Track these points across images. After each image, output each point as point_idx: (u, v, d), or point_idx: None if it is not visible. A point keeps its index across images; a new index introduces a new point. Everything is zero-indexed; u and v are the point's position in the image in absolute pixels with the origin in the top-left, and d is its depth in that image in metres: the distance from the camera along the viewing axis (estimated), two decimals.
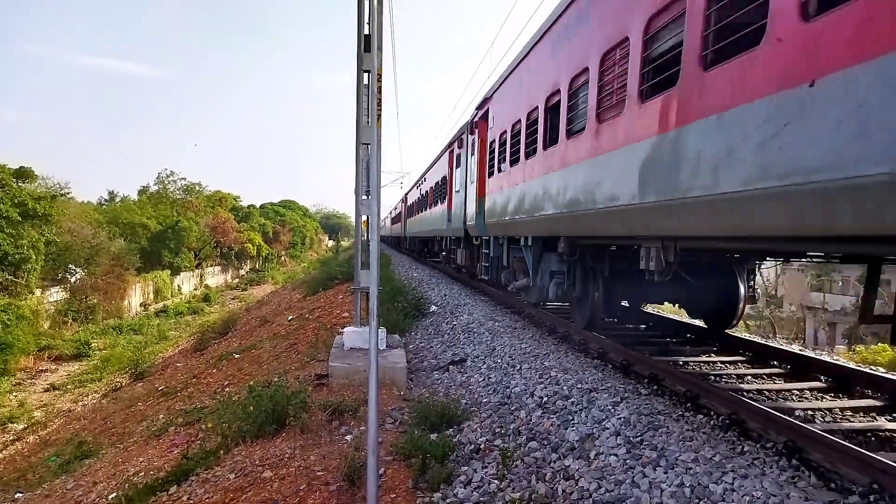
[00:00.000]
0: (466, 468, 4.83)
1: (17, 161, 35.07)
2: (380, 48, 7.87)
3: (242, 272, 69.75)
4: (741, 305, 7.57)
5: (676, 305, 9.06)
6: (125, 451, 9.21)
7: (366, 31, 8.00)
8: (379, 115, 7.33)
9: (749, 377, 6.38)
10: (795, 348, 7.90)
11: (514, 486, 4.41)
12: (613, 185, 6.08)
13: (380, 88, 7.93)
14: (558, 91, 7.73)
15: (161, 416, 10.84)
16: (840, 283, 32.04)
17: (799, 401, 5.57)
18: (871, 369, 6.48)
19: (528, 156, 9.21)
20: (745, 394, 5.30)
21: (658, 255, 5.72)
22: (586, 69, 6.78)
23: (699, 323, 8.75)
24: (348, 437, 5.82)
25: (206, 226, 58.25)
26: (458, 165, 16.11)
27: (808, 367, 6.41)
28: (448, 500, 4.41)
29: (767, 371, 6.58)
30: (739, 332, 8.71)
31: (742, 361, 7.09)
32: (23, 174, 33.53)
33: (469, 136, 14.31)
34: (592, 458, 4.44)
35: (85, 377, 24.38)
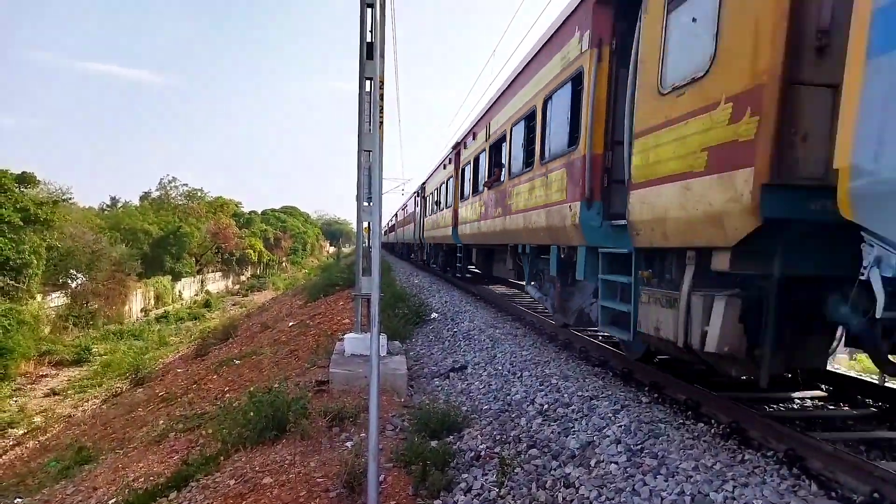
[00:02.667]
0: (467, 475, 4.82)
1: (18, 166, 35.20)
2: (382, 56, 7.91)
3: (243, 278, 69.70)
4: None
5: None
6: (125, 457, 9.19)
7: (368, 39, 8.03)
8: (381, 122, 7.35)
9: (749, 386, 6.37)
10: None
11: (514, 493, 4.40)
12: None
13: (382, 95, 7.97)
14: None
15: (161, 421, 10.82)
16: None
17: (800, 409, 5.56)
18: (872, 378, 6.47)
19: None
20: (745, 402, 5.29)
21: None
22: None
23: None
24: (349, 444, 5.81)
25: (207, 232, 58.24)
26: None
27: (810, 376, 6.40)
28: None
29: None
30: None
31: None
32: (25, 179, 33.59)
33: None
34: (593, 465, 4.44)
35: (85, 382, 24.32)
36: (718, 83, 4.30)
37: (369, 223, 8.61)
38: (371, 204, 8.29)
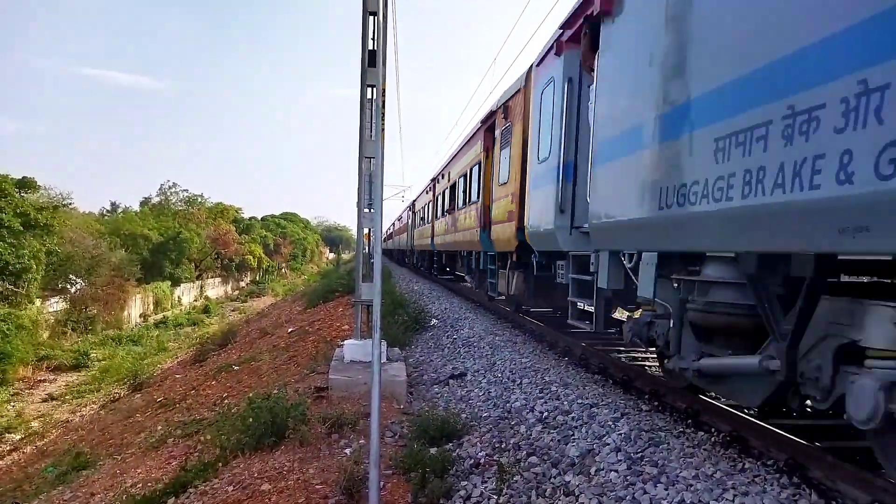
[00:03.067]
0: (466, 483, 4.80)
1: (18, 172, 35.23)
2: (384, 63, 7.93)
3: (243, 284, 69.69)
4: None
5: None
6: (123, 463, 9.16)
7: (370, 47, 8.06)
8: (382, 130, 7.36)
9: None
10: None
11: (513, 501, 4.39)
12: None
13: (383, 103, 7.99)
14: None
15: (159, 427, 10.79)
16: None
17: (801, 418, 5.55)
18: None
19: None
20: (746, 411, 5.29)
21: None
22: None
23: None
24: (348, 451, 5.79)
25: (207, 237, 58.26)
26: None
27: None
28: None
29: None
30: None
31: None
32: (25, 184, 33.63)
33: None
34: (593, 473, 4.43)
35: (83, 388, 24.29)
36: (509, 187, 10.21)
37: (370, 230, 8.62)
38: (372, 211, 8.31)
